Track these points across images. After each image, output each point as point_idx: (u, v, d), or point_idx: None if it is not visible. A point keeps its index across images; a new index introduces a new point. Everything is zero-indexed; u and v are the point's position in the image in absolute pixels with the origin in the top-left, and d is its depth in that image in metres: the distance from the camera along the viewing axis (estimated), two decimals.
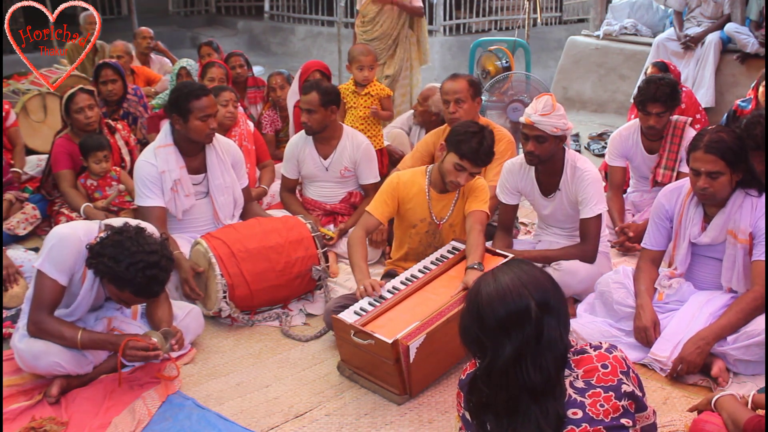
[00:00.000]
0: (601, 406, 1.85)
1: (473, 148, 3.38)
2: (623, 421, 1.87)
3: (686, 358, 3.04)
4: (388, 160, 5.27)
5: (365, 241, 3.56)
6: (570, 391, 1.87)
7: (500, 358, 1.82)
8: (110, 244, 2.86)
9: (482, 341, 1.87)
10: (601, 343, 1.97)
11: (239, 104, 5.71)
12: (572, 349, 1.94)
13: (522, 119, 3.62)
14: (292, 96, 5.54)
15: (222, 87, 4.97)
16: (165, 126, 4.00)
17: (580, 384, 1.88)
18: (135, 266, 2.81)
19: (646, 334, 3.21)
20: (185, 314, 3.38)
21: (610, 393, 1.87)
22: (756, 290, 3.11)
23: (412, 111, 5.74)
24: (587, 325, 3.35)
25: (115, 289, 2.90)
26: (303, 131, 4.61)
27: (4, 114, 5.13)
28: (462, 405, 2.03)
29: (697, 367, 3.05)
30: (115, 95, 5.39)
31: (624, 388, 1.88)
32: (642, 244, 3.56)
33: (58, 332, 2.96)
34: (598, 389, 1.87)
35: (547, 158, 3.67)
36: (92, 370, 3.12)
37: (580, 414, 1.85)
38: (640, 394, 1.94)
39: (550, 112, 3.53)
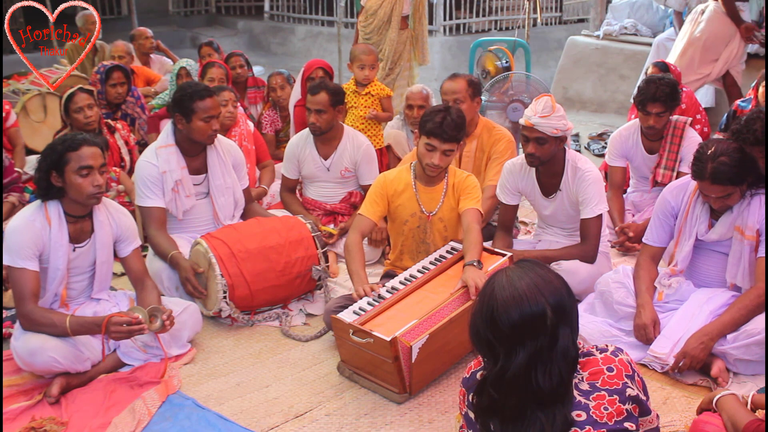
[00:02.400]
0: (605, 409, 1.84)
1: (437, 123, 3.38)
2: (627, 424, 1.86)
3: (689, 352, 3.04)
4: (388, 160, 5.27)
5: (362, 246, 3.54)
6: (575, 393, 1.86)
7: (512, 366, 1.80)
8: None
9: (494, 346, 1.84)
10: (607, 345, 1.96)
11: (239, 104, 5.72)
12: (579, 351, 1.92)
13: (522, 121, 3.62)
14: (294, 96, 5.54)
15: (221, 87, 4.97)
16: (166, 126, 4.00)
17: (585, 386, 1.87)
18: (63, 138, 3.12)
19: (645, 332, 3.21)
20: (182, 311, 3.40)
21: (615, 396, 1.86)
22: (759, 287, 3.11)
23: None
24: (587, 325, 3.35)
25: (63, 166, 3.03)
26: (303, 131, 4.61)
27: (4, 114, 5.13)
28: (465, 403, 2.02)
29: (699, 362, 3.05)
30: (121, 98, 5.42)
31: (629, 391, 1.87)
32: (643, 240, 3.56)
33: (47, 320, 3.02)
34: (603, 392, 1.86)
35: (547, 159, 3.67)
36: (90, 367, 3.14)
37: (584, 416, 1.84)
38: (644, 398, 1.93)
39: (550, 113, 3.53)
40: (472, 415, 1.97)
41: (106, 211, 3.29)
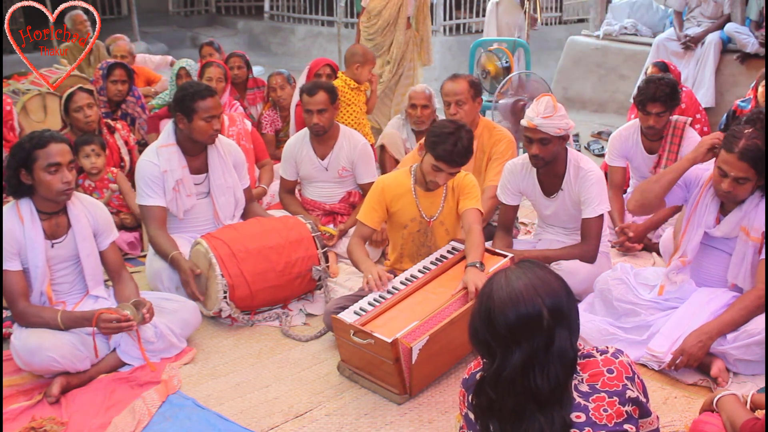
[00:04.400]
0: (605, 411, 1.84)
1: (448, 150, 3.32)
2: (626, 426, 1.85)
3: (687, 350, 3.04)
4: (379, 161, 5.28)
5: (363, 245, 3.59)
6: (574, 394, 1.86)
7: (509, 365, 1.80)
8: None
9: (491, 345, 1.84)
10: (607, 347, 1.96)
11: (239, 104, 5.72)
12: (579, 353, 1.92)
13: (524, 123, 3.60)
14: (297, 95, 5.54)
15: None
16: (167, 125, 4.00)
17: (584, 388, 1.87)
18: (30, 136, 3.11)
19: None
20: (181, 308, 3.41)
21: (615, 398, 1.85)
22: (760, 289, 3.12)
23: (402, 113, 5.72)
24: (586, 324, 3.34)
25: (32, 163, 3.04)
26: (299, 132, 4.61)
27: (4, 112, 5.12)
28: (465, 404, 2.02)
29: (697, 360, 3.05)
30: (122, 96, 5.42)
31: (629, 393, 1.87)
32: None
33: (39, 317, 3.07)
34: (603, 394, 1.86)
35: (551, 159, 3.66)
36: (90, 367, 3.15)
37: (583, 418, 1.83)
38: (644, 400, 1.92)
39: (552, 114, 3.52)
40: (472, 416, 1.97)
41: (81, 205, 3.30)
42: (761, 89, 4.83)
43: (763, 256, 3.16)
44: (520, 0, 7.60)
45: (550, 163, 3.69)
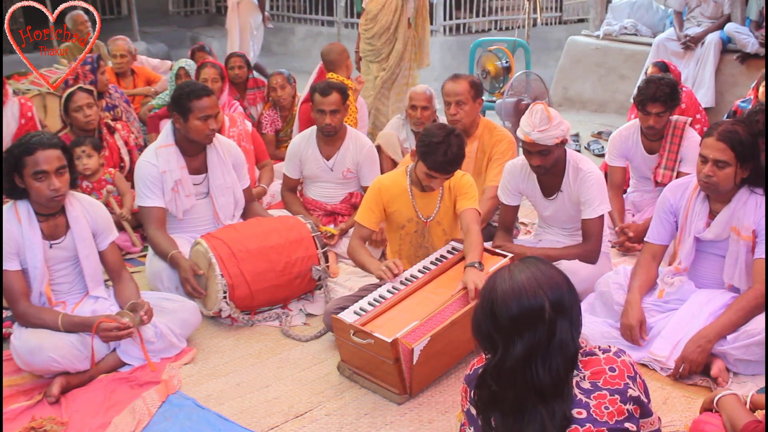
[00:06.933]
0: (606, 408, 1.85)
1: (438, 161, 3.31)
2: (627, 425, 1.86)
3: (688, 357, 3.04)
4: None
5: (365, 246, 3.60)
6: (576, 391, 1.87)
7: (510, 357, 1.82)
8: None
9: (494, 338, 1.86)
10: (609, 346, 1.97)
11: (239, 104, 5.72)
12: (581, 351, 1.93)
13: (521, 136, 3.58)
14: (302, 94, 5.56)
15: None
16: (166, 126, 4.00)
17: (586, 385, 1.88)
18: (21, 140, 3.10)
19: (631, 333, 3.22)
20: (181, 308, 3.41)
21: (616, 396, 1.86)
22: (757, 288, 3.11)
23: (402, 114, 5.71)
24: (587, 325, 3.33)
25: (21, 169, 3.03)
26: (305, 131, 4.61)
27: (26, 118, 5.12)
28: (467, 400, 2.03)
29: (699, 366, 3.05)
30: (105, 87, 5.47)
31: (630, 392, 1.87)
32: (645, 238, 3.56)
33: (40, 318, 3.08)
34: (604, 391, 1.86)
35: (553, 165, 3.66)
36: (90, 367, 3.14)
37: (584, 414, 1.84)
38: (645, 399, 1.93)
39: (548, 126, 3.49)
40: (473, 411, 1.98)
41: (80, 206, 3.29)
42: (761, 89, 4.83)
43: (757, 255, 3.16)
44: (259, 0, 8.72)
45: (551, 169, 3.69)
